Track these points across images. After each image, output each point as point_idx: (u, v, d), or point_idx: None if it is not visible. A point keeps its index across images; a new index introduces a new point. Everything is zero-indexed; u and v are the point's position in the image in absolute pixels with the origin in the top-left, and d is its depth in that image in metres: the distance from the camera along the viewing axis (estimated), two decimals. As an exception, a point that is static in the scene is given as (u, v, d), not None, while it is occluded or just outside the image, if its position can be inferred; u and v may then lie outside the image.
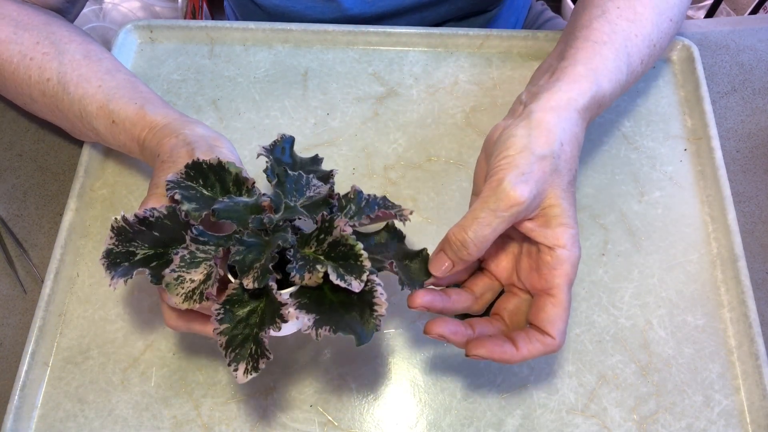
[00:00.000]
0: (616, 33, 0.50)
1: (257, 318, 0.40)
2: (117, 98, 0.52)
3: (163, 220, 0.42)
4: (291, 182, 0.44)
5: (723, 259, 0.56)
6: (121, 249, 0.42)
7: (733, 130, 0.65)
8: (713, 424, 0.50)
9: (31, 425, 0.50)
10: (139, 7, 1.32)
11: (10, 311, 0.56)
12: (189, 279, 0.40)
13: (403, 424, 0.50)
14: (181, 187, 0.43)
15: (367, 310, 0.40)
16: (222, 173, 0.44)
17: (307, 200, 0.44)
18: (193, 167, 0.44)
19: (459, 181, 0.60)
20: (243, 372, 0.39)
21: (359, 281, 0.39)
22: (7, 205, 0.61)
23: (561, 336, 0.42)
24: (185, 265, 0.40)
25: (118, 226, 0.42)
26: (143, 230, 0.42)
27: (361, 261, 0.39)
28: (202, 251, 0.40)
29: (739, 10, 1.44)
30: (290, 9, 0.73)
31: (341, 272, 0.39)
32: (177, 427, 0.50)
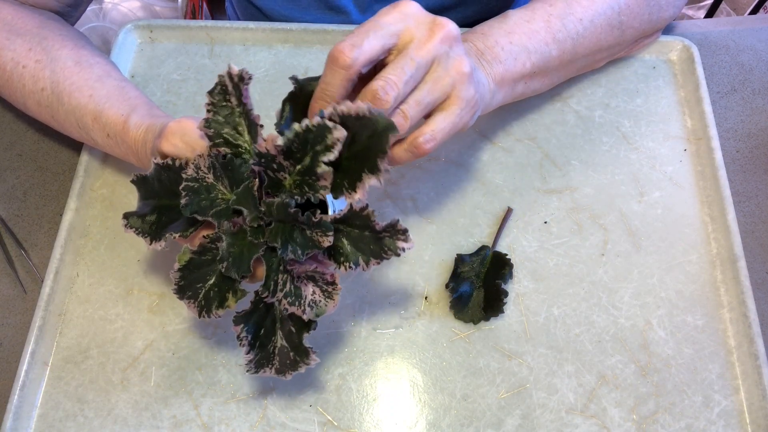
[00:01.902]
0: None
1: (354, 229, 0.40)
2: (106, 109, 0.52)
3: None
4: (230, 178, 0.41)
5: (723, 260, 0.56)
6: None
7: (733, 130, 0.65)
8: (713, 425, 0.50)
9: (30, 425, 0.50)
10: (139, 7, 1.32)
11: (10, 311, 0.56)
12: (312, 296, 0.41)
13: (403, 424, 0.50)
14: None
15: (362, 121, 0.38)
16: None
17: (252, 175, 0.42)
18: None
19: (459, 181, 0.60)
20: (406, 242, 0.40)
21: (338, 129, 0.38)
22: (7, 205, 0.61)
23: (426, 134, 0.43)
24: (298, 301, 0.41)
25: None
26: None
27: (315, 125, 0.38)
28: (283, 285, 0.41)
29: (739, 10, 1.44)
30: (298, 20, 0.73)
31: (325, 146, 0.38)
32: (176, 427, 0.50)
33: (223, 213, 0.41)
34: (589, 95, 0.65)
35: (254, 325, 0.43)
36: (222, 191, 0.41)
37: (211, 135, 0.41)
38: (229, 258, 0.40)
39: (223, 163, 0.40)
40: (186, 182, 0.41)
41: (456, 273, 0.55)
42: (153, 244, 0.43)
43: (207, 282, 0.42)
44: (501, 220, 0.58)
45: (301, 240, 0.39)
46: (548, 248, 0.57)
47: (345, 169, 0.39)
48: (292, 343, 0.43)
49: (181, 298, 0.42)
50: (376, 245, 0.40)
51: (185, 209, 0.41)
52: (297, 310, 0.40)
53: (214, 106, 0.41)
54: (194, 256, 0.41)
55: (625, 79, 0.66)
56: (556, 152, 0.62)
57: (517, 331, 0.54)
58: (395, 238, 0.40)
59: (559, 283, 0.55)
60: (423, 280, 0.56)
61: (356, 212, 0.39)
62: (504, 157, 0.62)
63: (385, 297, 0.55)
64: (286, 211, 0.39)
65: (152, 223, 0.43)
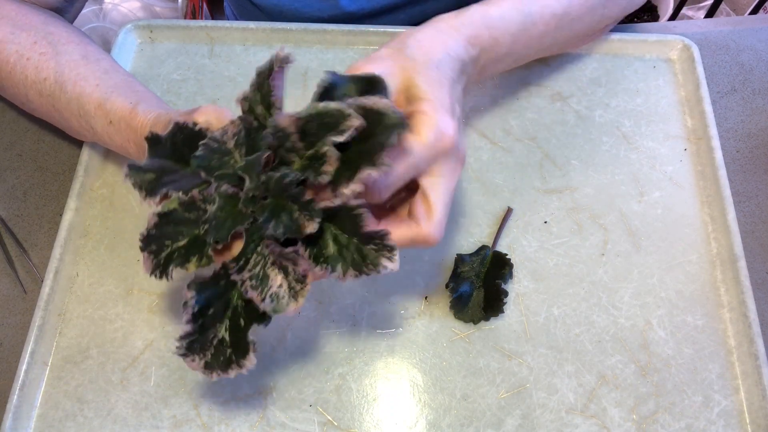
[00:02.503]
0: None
1: (343, 233, 0.40)
2: (113, 98, 0.52)
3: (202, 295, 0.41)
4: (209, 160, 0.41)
5: (723, 260, 0.56)
6: (210, 353, 0.41)
7: (733, 130, 0.65)
8: (713, 425, 0.50)
9: (30, 424, 0.50)
10: (139, 7, 1.32)
11: (10, 311, 0.56)
12: (277, 288, 0.39)
13: (403, 424, 0.50)
14: (163, 265, 0.41)
15: (379, 117, 0.38)
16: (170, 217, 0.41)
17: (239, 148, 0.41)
18: (149, 241, 0.40)
19: (459, 181, 0.60)
20: (390, 262, 0.39)
21: (355, 117, 0.37)
22: (7, 205, 0.61)
23: (424, 220, 0.42)
24: (262, 286, 0.39)
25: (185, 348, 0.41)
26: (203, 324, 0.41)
27: (334, 108, 0.38)
28: (254, 266, 0.40)
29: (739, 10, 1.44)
30: (287, 7, 0.73)
31: (338, 129, 0.37)
32: (176, 427, 0.50)
33: (228, 176, 0.40)
34: (589, 95, 0.65)
35: (205, 300, 0.41)
36: (236, 159, 0.41)
37: (245, 110, 0.41)
38: (213, 220, 0.39)
39: (249, 130, 0.40)
40: (208, 140, 0.41)
41: (456, 273, 0.55)
42: (147, 199, 0.41)
43: (177, 242, 0.40)
44: (501, 220, 0.58)
45: (287, 220, 0.38)
46: (548, 248, 0.57)
47: (347, 162, 0.39)
48: (235, 337, 0.41)
49: (143, 249, 0.40)
50: (359, 255, 0.39)
51: (194, 160, 0.40)
52: (257, 297, 0.39)
53: (257, 85, 0.42)
54: (179, 209, 0.40)
55: (625, 79, 0.66)
56: (556, 152, 0.62)
57: (517, 331, 0.54)
58: (380, 253, 0.39)
59: (559, 283, 0.55)
60: (423, 280, 0.56)
61: (348, 207, 0.39)
62: (504, 157, 0.62)
63: (385, 297, 0.55)
64: (281, 183, 0.38)
65: (152, 180, 0.42)
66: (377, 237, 0.39)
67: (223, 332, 0.41)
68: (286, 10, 0.73)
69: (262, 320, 0.41)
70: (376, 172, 0.37)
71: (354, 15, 0.73)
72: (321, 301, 0.55)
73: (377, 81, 0.42)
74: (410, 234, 0.42)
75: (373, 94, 0.41)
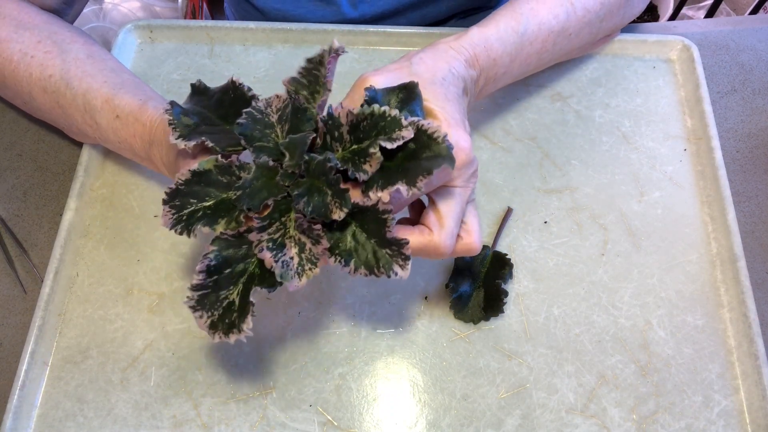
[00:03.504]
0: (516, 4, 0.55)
1: (363, 233, 0.40)
2: (122, 93, 0.52)
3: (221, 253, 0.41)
4: (253, 128, 0.42)
5: (723, 259, 0.56)
6: (218, 314, 0.41)
7: (733, 130, 0.65)
8: (713, 425, 0.50)
9: (30, 424, 0.50)
10: (139, 7, 1.32)
11: (10, 311, 0.56)
12: (289, 258, 0.40)
13: (403, 424, 0.50)
14: (185, 221, 0.41)
15: (428, 141, 0.39)
16: (204, 178, 0.42)
17: (283, 125, 0.42)
18: (172, 197, 0.41)
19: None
20: (401, 269, 0.39)
21: (407, 129, 0.38)
22: (7, 205, 0.61)
23: (436, 228, 0.43)
24: (277, 250, 0.39)
25: (196, 300, 0.41)
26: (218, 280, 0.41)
27: (391, 116, 0.39)
28: (275, 232, 0.40)
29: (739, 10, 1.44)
30: (290, 13, 0.73)
31: (389, 136, 0.39)
32: (176, 427, 0.50)
33: (269, 149, 0.41)
34: (589, 95, 0.65)
35: (224, 259, 0.41)
36: (277, 134, 0.42)
37: (290, 92, 0.43)
38: (248, 188, 0.40)
39: (296, 108, 0.41)
40: (252, 109, 0.42)
41: (456, 273, 0.55)
42: (180, 140, 0.42)
43: (203, 202, 0.41)
44: (501, 220, 0.58)
45: (318, 201, 0.39)
46: (548, 248, 0.57)
47: (386, 170, 0.40)
48: (243, 302, 0.41)
49: (165, 203, 0.41)
50: (374, 257, 0.40)
51: (237, 127, 0.41)
52: (269, 258, 0.39)
53: (305, 71, 0.43)
54: (214, 171, 0.41)
55: (625, 79, 0.66)
56: (556, 152, 0.62)
57: (517, 331, 0.54)
58: (395, 259, 0.39)
59: (559, 283, 0.55)
60: (423, 280, 0.56)
61: (377, 209, 0.39)
62: (504, 157, 0.62)
63: (385, 297, 0.55)
64: (324, 166, 0.39)
65: (191, 124, 0.43)
66: (396, 243, 0.39)
67: (235, 295, 0.41)
68: (289, 16, 0.73)
69: (263, 283, 0.41)
70: (407, 191, 0.38)
71: (357, 20, 0.73)
72: (321, 301, 0.55)
73: (413, 87, 0.43)
74: (423, 241, 0.43)
75: (411, 101, 0.43)
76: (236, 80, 0.44)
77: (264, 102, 0.43)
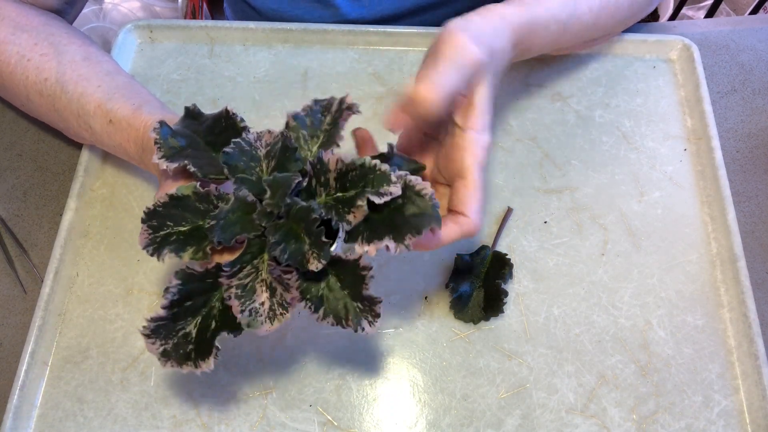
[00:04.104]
0: None
1: (338, 282, 0.40)
2: (116, 98, 0.52)
3: (185, 287, 0.40)
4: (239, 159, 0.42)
5: (723, 259, 0.56)
6: (172, 342, 0.41)
7: (733, 130, 0.65)
8: (713, 425, 0.50)
9: (30, 424, 0.50)
10: (139, 7, 1.32)
11: (10, 311, 0.56)
12: (258, 304, 0.39)
13: (403, 424, 0.50)
14: (158, 243, 0.41)
15: (416, 199, 0.39)
16: (181, 203, 0.41)
17: (269, 161, 0.42)
18: (150, 217, 0.41)
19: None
20: (369, 325, 0.40)
21: (396, 186, 0.38)
22: (7, 205, 0.61)
23: (475, 215, 0.44)
24: (245, 298, 0.39)
25: (151, 330, 0.40)
26: (177, 312, 0.41)
27: (380, 170, 0.39)
28: (245, 277, 0.40)
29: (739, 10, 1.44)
30: (288, 14, 0.73)
31: (377, 190, 0.38)
32: (176, 427, 0.50)
33: (251, 183, 0.41)
34: (589, 95, 0.65)
35: (187, 292, 0.40)
36: (262, 169, 0.42)
37: (289, 127, 0.43)
38: (222, 220, 0.39)
39: (285, 146, 0.41)
40: (241, 140, 0.41)
41: (456, 273, 0.55)
42: (162, 160, 0.42)
43: (179, 226, 0.41)
44: (501, 219, 0.58)
45: (295, 249, 0.38)
46: (548, 248, 0.57)
47: (372, 222, 0.40)
48: (201, 337, 0.40)
49: (143, 222, 0.40)
50: (344, 308, 0.40)
51: (223, 156, 0.41)
52: (236, 306, 0.39)
53: (309, 110, 0.43)
54: (193, 197, 0.41)
55: (625, 79, 0.66)
56: (556, 152, 0.62)
57: (517, 331, 0.54)
58: (364, 314, 0.39)
59: (559, 283, 0.55)
60: (423, 280, 0.56)
61: (358, 264, 0.39)
62: (504, 157, 0.62)
63: (385, 297, 0.55)
64: (307, 214, 0.39)
65: (177, 147, 0.42)
66: (369, 300, 0.39)
67: (192, 328, 0.41)
68: (287, 17, 0.73)
69: (233, 329, 0.41)
70: (395, 247, 0.38)
71: (355, 22, 0.73)
72: (321, 301, 0.55)
73: (421, 169, 0.47)
74: (462, 231, 0.44)
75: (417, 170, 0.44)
76: (230, 110, 0.44)
77: (255, 135, 0.42)
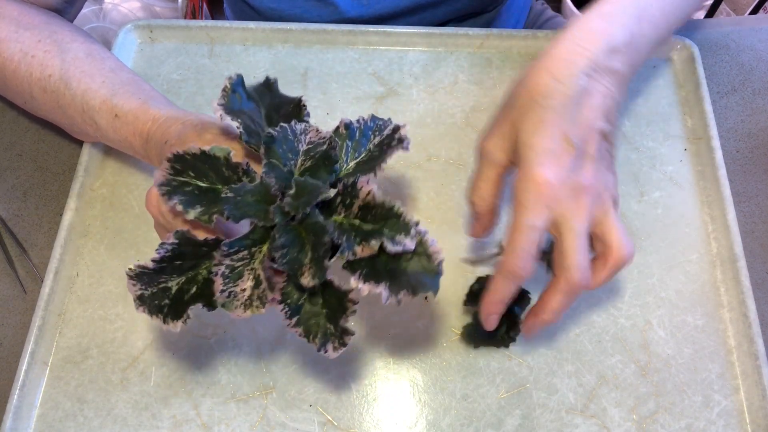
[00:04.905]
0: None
1: (321, 299, 0.40)
2: (121, 93, 0.52)
3: (179, 248, 0.40)
4: (280, 145, 0.41)
5: (723, 259, 0.56)
6: (151, 291, 0.41)
7: (733, 130, 0.65)
8: (713, 424, 0.50)
9: (30, 424, 0.50)
10: (139, 7, 1.32)
11: (10, 311, 0.56)
12: (240, 290, 0.39)
13: (403, 424, 0.50)
14: (173, 186, 0.40)
15: (424, 259, 0.39)
16: (210, 161, 0.41)
17: (306, 159, 0.41)
18: (176, 160, 0.40)
19: (459, 181, 0.60)
20: (332, 350, 0.40)
21: (411, 239, 0.38)
22: (7, 205, 0.61)
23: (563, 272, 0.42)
24: (229, 280, 0.39)
25: (135, 274, 0.40)
26: (164, 267, 0.40)
27: (404, 218, 0.38)
28: (238, 260, 0.39)
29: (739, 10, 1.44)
30: (286, 12, 0.73)
31: (392, 236, 0.38)
32: (176, 427, 0.50)
33: (280, 173, 0.40)
34: (589, 95, 0.65)
35: (179, 252, 0.40)
36: (297, 163, 0.41)
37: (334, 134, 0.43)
38: (239, 197, 0.39)
39: (328, 155, 0.40)
40: (288, 126, 0.41)
41: (472, 295, 0.52)
42: (220, 108, 0.41)
43: (199, 181, 0.40)
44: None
45: (295, 257, 0.38)
46: (548, 248, 0.57)
47: (375, 262, 0.39)
48: (177, 296, 0.40)
49: (169, 160, 0.40)
50: (316, 325, 0.40)
51: (266, 137, 0.40)
52: (219, 284, 0.39)
53: (363, 123, 0.43)
54: (223, 160, 0.40)
55: (625, 79, 0.66)
56: (556, 152, 0.62)
57: (517, 331, 0.54)
58: (331, 338, 0.40)
59: (559, 283, 0.55)
60: (423, 280, 0.56)
61: (347, 297, 0.39)
62: (504, 157, 0.62)
63: (385, 297, 0.55)
64: (321, 231, 0.38)
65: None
66: (343, 330, 0.39)
67: (173, 284, 0.41)
68: (285, 16, 0.73)
69: (209, 304, 0.41)
70: (387, 297, 0.38)
71: (354, 21, 0.73)
72: (321, 301, 0.55)
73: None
74: (560, 296, 0.43)
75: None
76: (303, 102, 0.43)
77: (302, 127, 0.41)
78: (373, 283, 0.38)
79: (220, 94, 0.42)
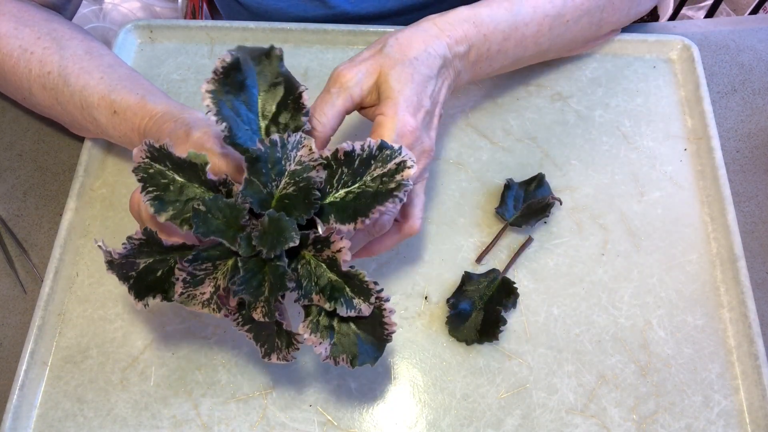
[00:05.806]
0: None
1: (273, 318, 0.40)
2: (119, 89, 0.52)
3: (145, 246, 0.40)
4: (264, 164, 0.39)
5: (723, 259, 0.56)
6: (120, 261, 0.41)
7: (733, 130, 0.65)
8: (712, 425, 0.50)
9: (30, 424, 0.50)
10: (139, 7, 1.32)
11: (10, 311, 0.56)
12: (199, 293, 0.40)
13: (403, 424, 0.50)
14: (149, 174, 0.39)
15: (378, 327, 0.39)
16: (186, 164, 0.40)
17: (290, 183, 0.39)
18: (158, 150, 0.39)
19: (459, 181, 0.60)
20: (277, 359, 0.40)
21: (368, 305, 0.38)
22: (7, 205, 0.61)
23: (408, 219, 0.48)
24: (190, 285, 0.39)
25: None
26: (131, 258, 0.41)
27: (366, 285, 0.38)
28: (201, 270, 0.39)
29: (739, 10, 1.44)
30: (273, 7, 0.72)
31: (351, 298, 0.38)
32: (176, 427, 0.50)
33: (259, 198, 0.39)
34: (589, 95, 0.65)
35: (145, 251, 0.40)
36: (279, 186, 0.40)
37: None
38: (208, 211, 0.38)
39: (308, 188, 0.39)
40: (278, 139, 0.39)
41: (460, 290, 0.54)
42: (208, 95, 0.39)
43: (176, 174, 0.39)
44: (520, 246, 0.58)
45: (252, 291, 0.38)
46: (548, 248, 0.57)
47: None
48: (143, 274, 0.41)
49: (147, 145, 0.39)
50: (267, 338, 0.40)
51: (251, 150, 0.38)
52: (179, 286, 0.39)
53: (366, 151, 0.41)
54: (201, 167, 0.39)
55: (625, 79, 0.66)
56: (556, 152, 0.62)
57: (517, 331, 0.54)
58: (279, 349, 0.40)
59: (559, 283, 0.55)
60: (423, 280, 0.56)
61: (292, 332, 0.39)
62: (504, 157, 0.62)
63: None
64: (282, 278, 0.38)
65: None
66: (289, 343, 0.40)
67: (142, 262, 0.41)
68: (271, 10, 0.72)
69: (167, 299, 0.41)
70: (325, 357, 0.40)
71: (341, 18, 0.72)
72: (321, 301, 0.55)
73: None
74: (398, 237, 0.48)
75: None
76: (306, 96, 0.42)
77: (297, 138, 0.39)
78: (319, 336, 0.39)
79: (210, 77, 0.40)
